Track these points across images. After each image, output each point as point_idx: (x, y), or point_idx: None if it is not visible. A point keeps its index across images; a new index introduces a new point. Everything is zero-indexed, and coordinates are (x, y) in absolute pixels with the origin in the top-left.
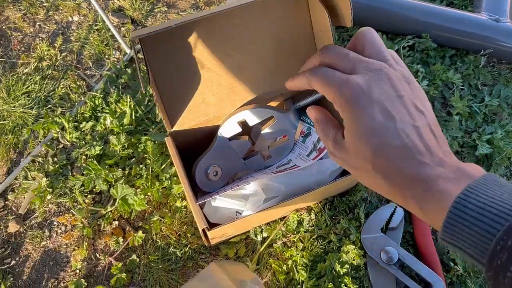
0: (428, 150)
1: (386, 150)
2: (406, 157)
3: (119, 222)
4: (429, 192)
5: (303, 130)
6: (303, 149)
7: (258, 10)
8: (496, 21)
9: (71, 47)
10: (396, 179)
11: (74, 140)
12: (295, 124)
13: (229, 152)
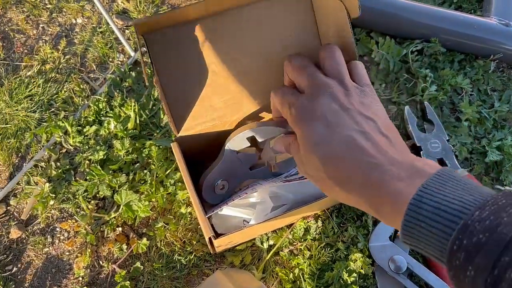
0: (378, 151)
1: (334, 158)
2: (354, 161)
3: (123, 229)
4: (382, 196)
5: None
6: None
7: (263, 15)
8: (506, 25)
9: (75, 50)
10: (349, 185)
11: (78, 144)
12: None
13: (236, 165)
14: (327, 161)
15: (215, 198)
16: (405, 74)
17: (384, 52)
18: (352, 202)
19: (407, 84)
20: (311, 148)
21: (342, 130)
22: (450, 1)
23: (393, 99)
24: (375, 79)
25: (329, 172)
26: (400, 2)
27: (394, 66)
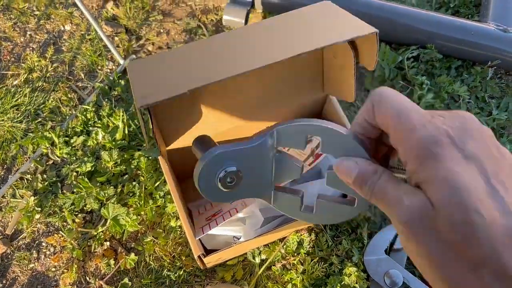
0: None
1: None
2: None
3: (111, 243)
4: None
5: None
6: (300, 155)
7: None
8: (504, 31)
9: (63, 58)
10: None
11: (65, 156)
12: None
13: (266, 166)
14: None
15: (216, 194)
16: (401, 81)
17: (379, 59)
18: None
19: (403, 92)
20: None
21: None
22: (447, 6)
23: None
24: (371, 86)
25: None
26: (396, 8)
27: (390, 73)
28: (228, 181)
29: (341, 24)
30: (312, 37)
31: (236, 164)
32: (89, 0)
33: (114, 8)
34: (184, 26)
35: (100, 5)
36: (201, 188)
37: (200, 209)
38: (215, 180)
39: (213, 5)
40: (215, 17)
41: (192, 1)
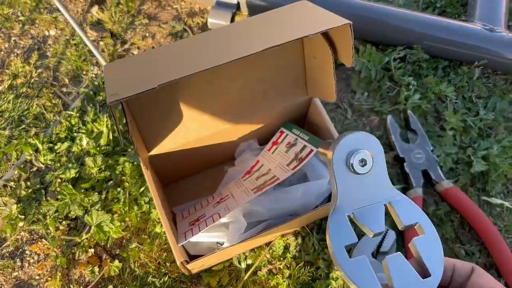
0: None
1: None
2: None
3: (95, 250)
4: None
5: (289, 142)
6: (284, 158)
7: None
8: (490, 30)
9: (47, 63)
10: None
11: (49, 162)
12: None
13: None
14: None
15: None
16: (388, 82)
17: (365, 60)
18: None
19: (390, 93)
20: None
21: None
22: (433, 6)
23: (376, 108)
24: (357, 88)
25: None
26: (382, 8)
27: (377, 74)
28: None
29: (316, 19)
30: (286, 32)
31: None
32: (74, 5)
33: (99, 13)
34: (169, 30)
35: (85, 10)
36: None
37: (184, 213)
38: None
39: (199, 8)
40: (201, 20)
41: (178, 4)
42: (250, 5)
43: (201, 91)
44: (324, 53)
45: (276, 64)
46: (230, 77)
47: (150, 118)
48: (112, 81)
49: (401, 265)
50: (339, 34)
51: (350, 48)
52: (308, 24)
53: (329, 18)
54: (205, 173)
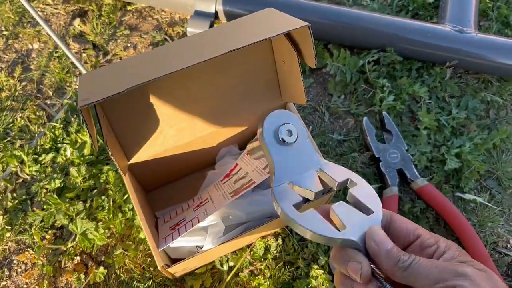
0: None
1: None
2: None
3: (81, 257)
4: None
5: None
6: (261, 162)
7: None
8: (460, 32)
9: (31, 76)
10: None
11: (34, 173)
12: None
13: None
14: None
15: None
16: (363, 84)
17: (340, 64)
18: None
19: (366, 95)
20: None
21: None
22: (406, 9)
23: (352, 111)
24: (334, 91)
25: None
26: (355, 13)
27: (352, 77)
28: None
29: (278, 23)
30: (250, 36)
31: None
32: (56, 18)
33: (81, 25)
34: (150, 40)
35: (67, 22)
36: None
37: (166, 217)
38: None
39: (179, 18)
40: (181, 30)
41: (159, 15)
42: (228, 14)
43: (177, 98)
44: (291, 56)
45: (248, 70)
46: (204, 83)
47: (128, 127)
48: (84, 89)
49: (346, 208)
50: (301, 37)
51: (311, 49)
52: (270, 28)
53: (290, 22)
54: (188, 178)
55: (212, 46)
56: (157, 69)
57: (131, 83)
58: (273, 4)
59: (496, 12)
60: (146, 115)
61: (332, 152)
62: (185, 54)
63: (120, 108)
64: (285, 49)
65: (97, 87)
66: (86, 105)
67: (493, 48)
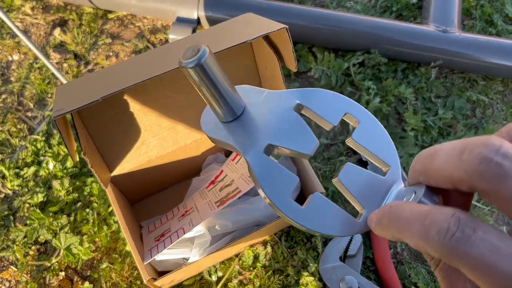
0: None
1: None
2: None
3: (66, 273)
4: None
5: None
6: (246, 169)
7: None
8: (443, 32)
9: (11, 88)
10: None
11: (16, 188)
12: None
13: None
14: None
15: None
16: (349, 87)
17: (325, 67)
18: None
19: (352, 98)
20: None
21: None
22: (390, 10)
23: None
24: None
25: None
26: (338, 15)
27: (337, 80)
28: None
29: (257, 27)
30: (228, 41)
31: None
32: (36, 28)
33: (61, 35)
34: (133, 48)
35: (47, 32)
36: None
37: (150, 226)
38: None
39: (162, 24)
40: (164, 37)
41: (141, 22)
42: (210, 19)
43: (158, 106)
44: (272, 62)
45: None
46: (185, 91)
47: (109, 138)
48: (60, 100)
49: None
50: (280, 40)
51: (291, 52)
52: (249, 32)
53: (268, 25)
54: (174, 188)
55: None
56: (133, 77)
57: (106, 91)
58: (255, 8)
59: (479, 10)
60: (128, 126)
61: (320, 157)
62: (162, 61)
63: (100, 119)
64: (266, 54)
65: (73, 97)
66: (59, 115)
67: (477, 47)
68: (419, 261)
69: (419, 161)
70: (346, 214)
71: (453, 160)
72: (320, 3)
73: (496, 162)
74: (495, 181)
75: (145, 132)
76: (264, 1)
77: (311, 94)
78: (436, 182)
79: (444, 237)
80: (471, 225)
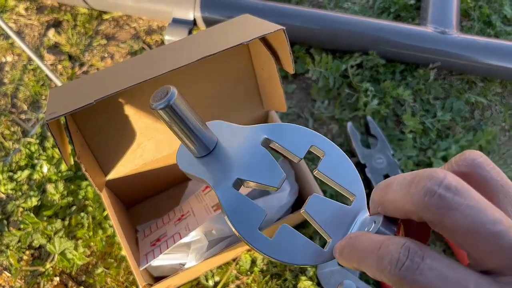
0: None
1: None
2: None
3: (61, 278)
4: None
5: None
6: None
7: (202, 62)
8: (442, 33)
9: (5, 90)
10: None
11: (10, 191)
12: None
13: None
14: None
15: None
16: (347, 89)
17: (322, 69)
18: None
19: (349, 100)
20: None
21: None
22: (388, 11)
23: (336, 116)
24: (317, 97)
25: None
26: (335, 16)
27: (335, 82)
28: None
29: (253, 28)
30: (224, 42)
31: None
32: (30, 29)
33: (56, 36)
34: (128, 49)
35: (41, 33)
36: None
37: (146, 230)
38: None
39: (157, 26)
40: (160, 38)
41: (136, 23)
42: (207, 20)
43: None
44: (269, 63)
45: (228, 79)
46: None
47: (104, 142)
48: (53, 103)
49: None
50: (277, 42)
51: (288, 54)
52: (245, 33)
53: (265, 26)
54: (170, 192)
55: (186, 53)
56: (127, 80)
57: (100, 94)
58: (252, 9)
59: (478, 11)
60: (123, 129)
61: (317, 159)
62: (157, 63)
63: (95, 122)
64: (263, 56)
65: (66, 100)
66: (52, 118)
67: (476, 48)
68: None
69: (376, 193)
70: (313, 245)
71: (403, 193)
72: (318, 4)
73: (439, 195)
74: (439, 213)
75: (141, 135)
76: (261, 2)
77: (278, 129)
78: (392, 213)
79: (395, 266)
80: (420, 253)
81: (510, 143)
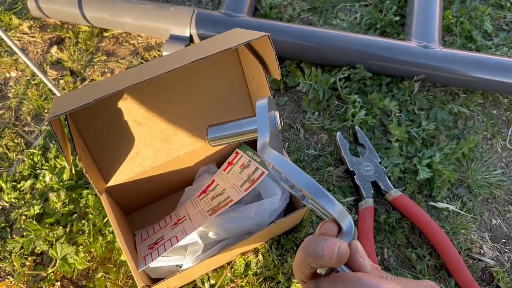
0: None
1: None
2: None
3: (62, 283)
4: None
5: (243, 163)
6: (238, 179)
7: (195, 69)
8: (425, 47)
9: (9, 104)
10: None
11: (13, 200)
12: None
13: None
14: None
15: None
16: (336, 101)
17: (312, 82)
18: None
19: (338, 111)
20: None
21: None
22: (374, 27)
23: (326, 126)
24: (308, 108)
25: None
26: (326, 32)
27: (324, 94)
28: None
29: (240, 37)
30: (211, 49)
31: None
32: (34, 46)
33: (58, 52)
34: (127, 64)
35: (44, 50)
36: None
37: (143, 234)
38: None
39: (155, 42)
40: (158, 53)
41: (135, 40)
42: (202, 37)
43: (152, 118)
44: (258, 72)
45: (221, 89)
46: (178, 103)
47: (104, 150)
48: (56, 106)
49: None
50: (264, 50)
51: (274, 60)
52: (233, 41)
53: (251, 34)
54: (168, 199)
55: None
56: (125, 82)
57: (99, 94)
58: (245, 26)
59: (459, 27)
60: (122, 137)
61: (309, 167)
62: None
63: (95, 131)
64: (253, 66)
65: (68, 102)
66: (55, 116)
67: (458, 61)
68: (406, 267)
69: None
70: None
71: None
72: (308, 21)
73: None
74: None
75: (139, 143)
76: (254, 19)
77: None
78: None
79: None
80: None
81: (492, 151)
